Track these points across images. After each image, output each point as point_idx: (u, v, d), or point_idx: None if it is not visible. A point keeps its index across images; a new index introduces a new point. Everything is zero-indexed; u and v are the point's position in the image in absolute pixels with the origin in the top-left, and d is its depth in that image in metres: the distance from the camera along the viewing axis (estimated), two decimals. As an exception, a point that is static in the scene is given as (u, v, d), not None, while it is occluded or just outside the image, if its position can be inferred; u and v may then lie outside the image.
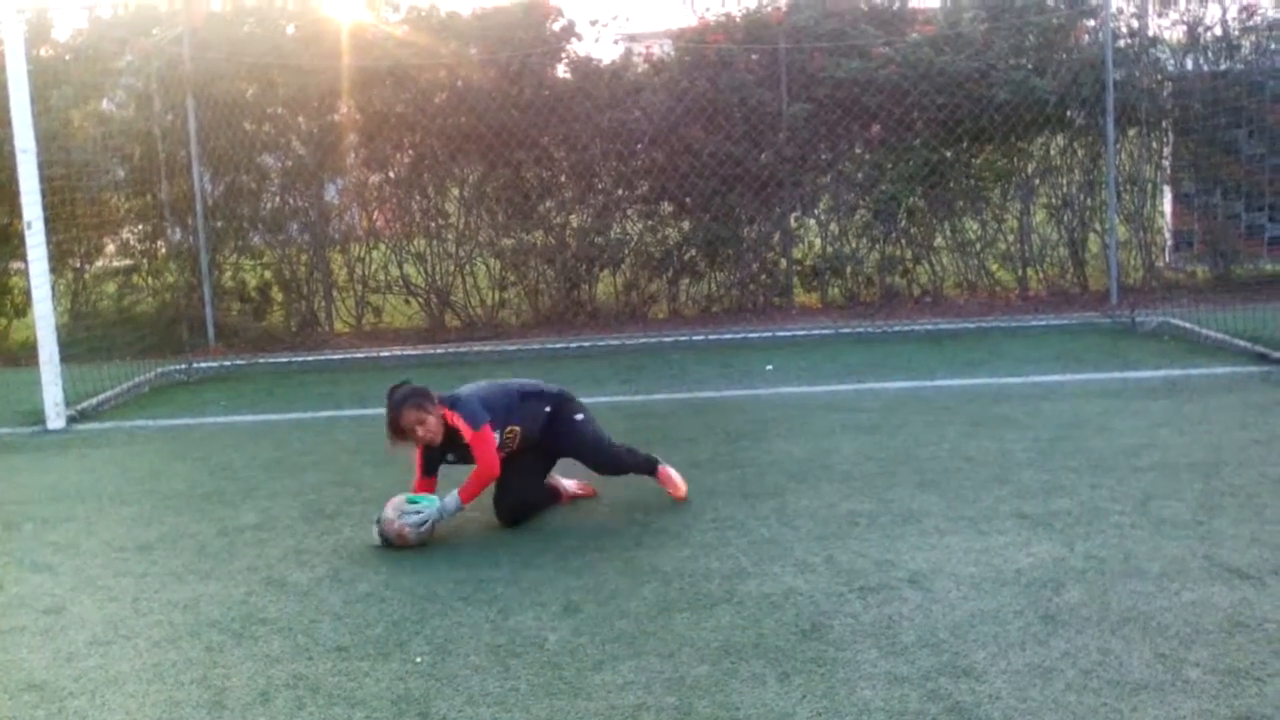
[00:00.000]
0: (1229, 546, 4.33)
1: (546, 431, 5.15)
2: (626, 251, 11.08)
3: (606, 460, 5.28)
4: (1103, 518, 4.72)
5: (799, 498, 5.21)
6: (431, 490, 5.00)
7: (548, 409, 5.16)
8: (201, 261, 10.59)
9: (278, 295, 11.22)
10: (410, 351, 10.06)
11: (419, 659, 3.71)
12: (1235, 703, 3.17)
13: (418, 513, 4.80)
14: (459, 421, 4.90)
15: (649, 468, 5.29)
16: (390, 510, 4.83)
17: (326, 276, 11.17)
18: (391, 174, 11.16)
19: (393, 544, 4.80)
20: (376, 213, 11.27)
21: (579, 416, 5.24)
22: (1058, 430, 6.17)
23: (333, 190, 11.14)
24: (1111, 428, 6.18)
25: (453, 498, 4.88)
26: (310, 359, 9.95)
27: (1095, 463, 5.51)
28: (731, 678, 3.47)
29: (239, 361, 9.90)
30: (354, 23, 10.69)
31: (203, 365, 9.63)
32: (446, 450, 5.00)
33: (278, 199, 11.08)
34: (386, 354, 9.98)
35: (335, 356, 9.98)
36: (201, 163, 10.46)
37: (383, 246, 11.19)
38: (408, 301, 11.31)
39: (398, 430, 4.89)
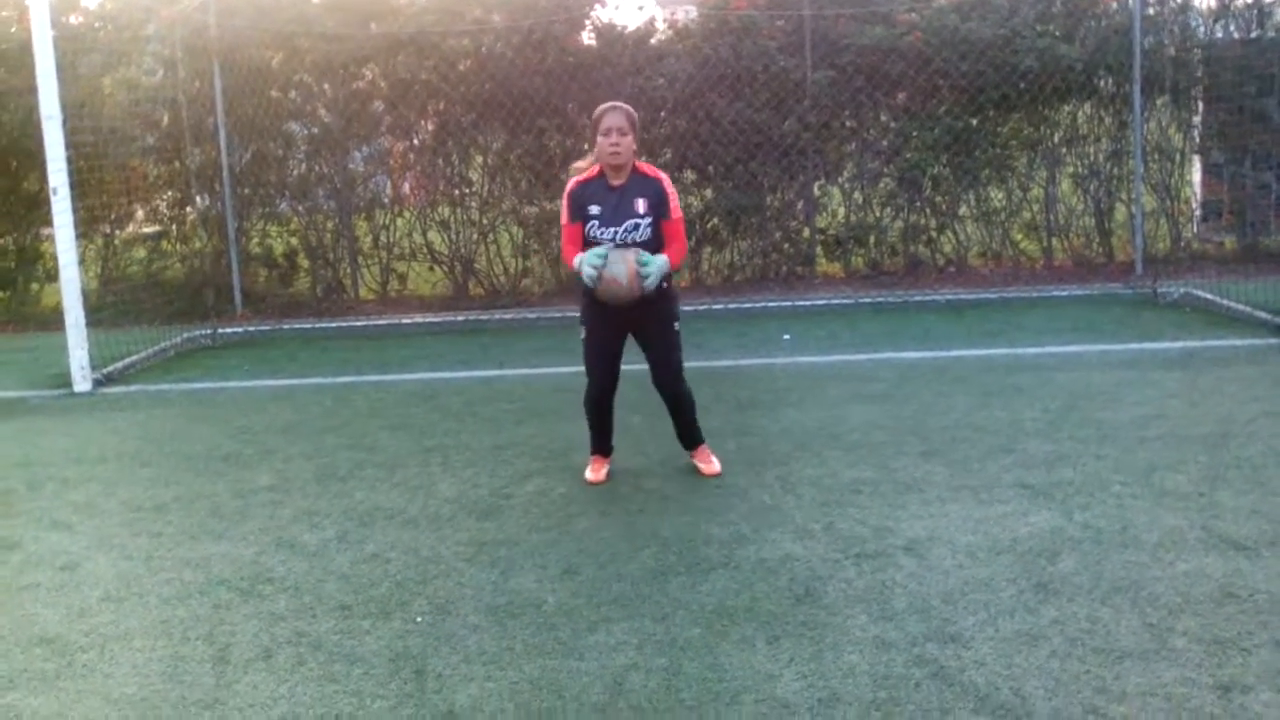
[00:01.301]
0: (1228, 518, 4.35)
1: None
2: (649, 220, 11.08)
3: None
4: (1105, 488, 4.74)
5: (804, 466, 5.25)
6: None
7: None
8: (228, 228, 10.71)
9: (304, 262, 11.32)
10: (434, 319, 10.14)
11: (419, 618, 3.80)
12: (1219, 672, 3.19)
13: (647, 271, 4.72)
14: (667, 183, 4.88)
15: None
16: (623, 262, 4.70)
17: (352, 243, 11.26)
18: (416, 141, 11.22)
19: (596, 283, 4.74)
20: (401, 179, 11.33)
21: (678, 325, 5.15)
22: (1068, 401, 6.17)
23: (358, 157, 11.20)
24: (1122, 399, 6.18)
25: (665, 260, 4.81)
26: (334, 325, 10.05)
27: (1103, 433, 5.52)
28: (722, 640, 3.53)
29: (264, 327, 10.03)
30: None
31: (228, 331, 9.77)
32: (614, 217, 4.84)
33: (304, 166, 11.16)
34: (409, 321, 10.08)
35: (359, 323, 10.09)
36: (228, 130, 10.56)
37: (407, 214, 11.26)
38: (432, 269, 11.38)
39: (621, 112, 4.80)
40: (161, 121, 10.50)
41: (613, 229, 4.81)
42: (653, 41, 10.91)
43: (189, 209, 11.08)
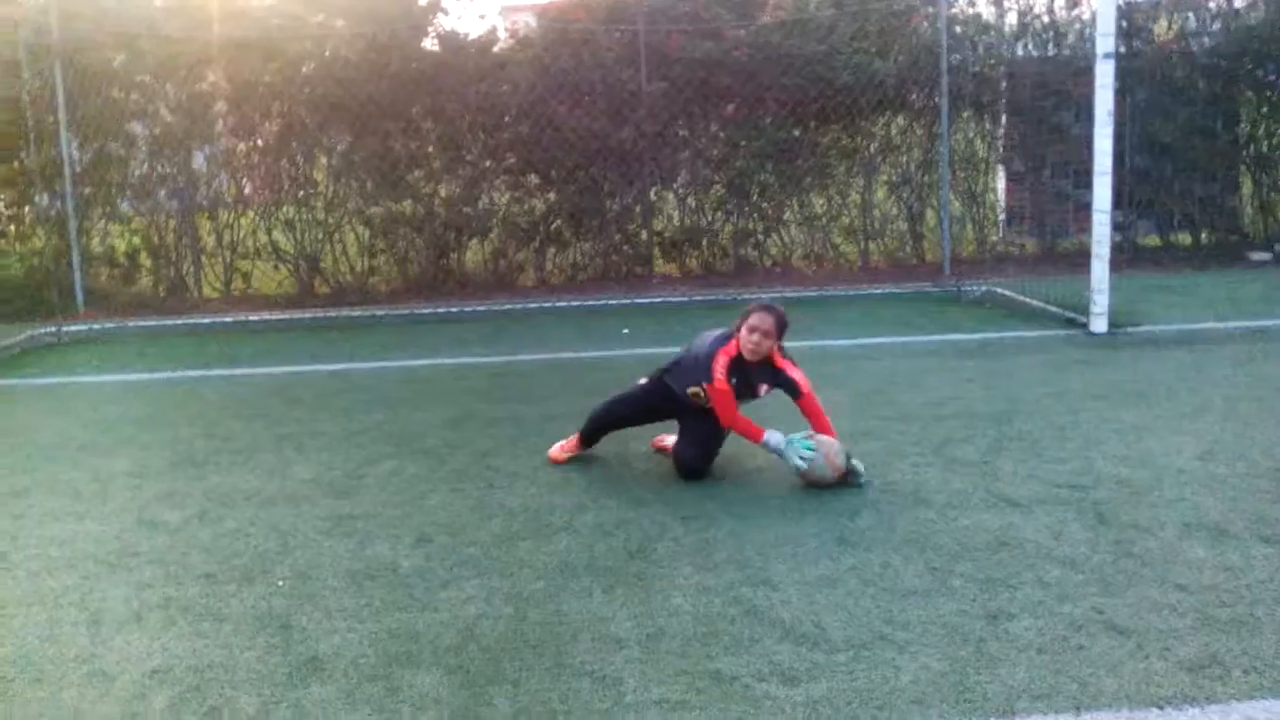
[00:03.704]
0: (1006, 481, 4.96)
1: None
2: (494, 221, 11.45)
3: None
4: (902, 458, 5.33)
5: (640, 443, 5.71)
6: None
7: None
8: (70, 227, 10.64)
9: (146, 261, 11.30)
10: (280, 316, 10.29)
11: (281, 583, 4.10)
12: (989, 604, 3.74)
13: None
14: (790, 369, 5.31)
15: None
16: (828, 466, 5.00)
17: (195, 242, 11.30)
18: (259, 142, 11.31)
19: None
20: (245, 180, 11.42)
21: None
22: (875, 385, 6.80)
23: (201, 158, 11.25)
24: (923, 383, 6.84)
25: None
26: (180, 323, 10.11)
27: (903, 413, 6.14)
28: (563, 591, 3.95)
29: (109, 325, 10.01)
30: (223, -7, 10.83)
31: (72, 328, 9.73)
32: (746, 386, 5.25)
33: (146, 166, 11.16)
34: (255, 318, 10.20)
35: (205, 320, 10.17)
36: (69, 130, 10.50)
37: (251, 213, 11.36)
38: (276, 268, 11.50)
39: (781, 327, 5.27)
40: (-1, 122, 10.39)
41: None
42: (495, 50, 11.26)
43: (27, 209, 10.95)
